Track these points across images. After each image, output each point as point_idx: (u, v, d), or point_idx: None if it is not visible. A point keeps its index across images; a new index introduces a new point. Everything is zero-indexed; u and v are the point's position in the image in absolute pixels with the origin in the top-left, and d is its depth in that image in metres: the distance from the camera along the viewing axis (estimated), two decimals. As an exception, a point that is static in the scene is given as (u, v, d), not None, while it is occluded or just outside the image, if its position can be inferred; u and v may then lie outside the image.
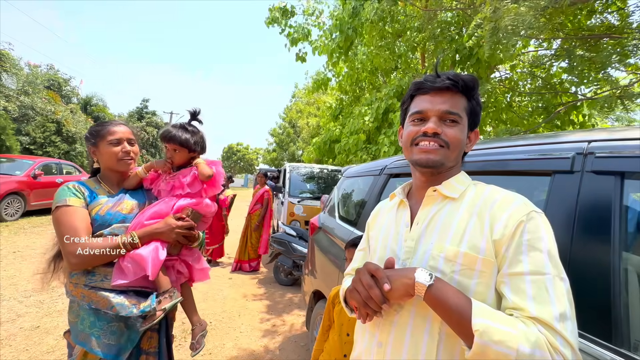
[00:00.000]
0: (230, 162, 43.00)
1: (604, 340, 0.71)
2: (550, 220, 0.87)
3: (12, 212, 6.72)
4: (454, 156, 0.74)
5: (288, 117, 23.79)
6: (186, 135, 1.33)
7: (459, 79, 0.72)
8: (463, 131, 0.74)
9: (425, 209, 0.75)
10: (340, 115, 7.29)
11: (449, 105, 0.72)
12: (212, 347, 2.71)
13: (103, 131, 1.23)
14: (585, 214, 0.81)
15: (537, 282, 0.57)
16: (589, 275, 0.77)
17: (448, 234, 0.68)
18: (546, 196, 0.92)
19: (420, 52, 5.83)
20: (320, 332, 1.54)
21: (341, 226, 2.34)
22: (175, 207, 1.26)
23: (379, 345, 0.73)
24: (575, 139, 0.92)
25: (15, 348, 2.36)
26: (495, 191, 0.70)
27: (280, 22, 6.01)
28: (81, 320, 1.14)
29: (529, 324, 0.55)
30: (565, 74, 4.35)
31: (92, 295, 1.13)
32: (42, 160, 8.07)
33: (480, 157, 1.22)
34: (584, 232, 0.80)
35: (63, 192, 1.17)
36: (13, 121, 12.11)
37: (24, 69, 14.88)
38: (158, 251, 1.17)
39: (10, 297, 3.17)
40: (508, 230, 0.62)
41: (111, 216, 1.19)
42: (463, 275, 0.64)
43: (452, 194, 0.72)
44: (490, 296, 0.63)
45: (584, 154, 0.86)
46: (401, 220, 0.80)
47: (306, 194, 6.15)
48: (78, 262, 1.10)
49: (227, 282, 4.46)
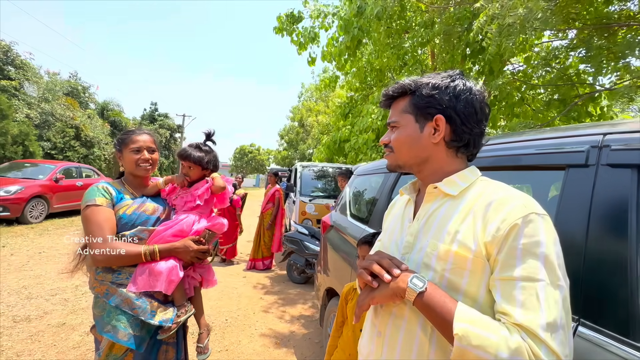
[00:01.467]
0: (242, 163, 43.50)
1: (622, 336, 0.71)
2: (565, 216, 0.87)
3: (36, 214, 7.02)
4: (403, 156, 0.79)
5: (297, 117, 23.85)
6: (200, 154, 1.45)
7: (386, 95, 0.82)
8: (404, 131, 0.78)
9: (426, 206, 0.77)
10: (349, 113, 7.28)
11: (389, 116, 0.82)
12: (229, 343, 2.77)
13: (127, 140, 1.36)
14: (600, 208, 0.80)
15: (527, 289, 0.56)
16: (606, 272, 0.76)
17: (443, 232, 0.68)
18: (560, 191, 0.91)
19: (430, 47, 5.75)
20: (334, 329, 1.56)
21: (353, 224, 2.36)
22: (194, 230, 1.38)
23: (378, 335, 0.76)
24: (590, 132, 0.90)
25: (44, 344, 2.48)
26: (497, 190, 0.68)
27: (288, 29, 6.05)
28: (107, 314, 1.22)
29: (513, 331, 0.54)
30: (581, 65, 4.21)
31: (117, 293, 1.22)
32: (63, 164, 8.39)
33: (491, 153, 1.21)
34: (600, 227, 0.79)
35: (92, 192, 1.27)
36: (35, 127, 12.63)
37: (44, 77, 15.50)
38: (176, 270, 1.28)
39: (37, 295, 3.33)
40: (500, 233, 0.60)
41: (137, 216, 1.32)
42: (453, 274, 0.65)
43: (451, 191, 0.72)
44: (481, 296, 0.63)
45: (599, 147, 0.85)
46: (406, 216, 0.83)
47: (317, 193, 6.18)
48: (102, 260, 1.21)
49: (242, 281, 4.54)
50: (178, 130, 25.11)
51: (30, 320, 2.81)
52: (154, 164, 1.40)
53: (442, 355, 0.64)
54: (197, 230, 1.38)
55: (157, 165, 1.44)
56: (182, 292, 1.38)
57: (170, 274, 1.25)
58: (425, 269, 0.69)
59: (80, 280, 3.73)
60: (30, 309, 3.00)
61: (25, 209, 6.69)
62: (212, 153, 1.50)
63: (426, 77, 0.77)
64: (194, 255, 1.33)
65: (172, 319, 1.26)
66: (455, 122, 0.73)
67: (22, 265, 4.21)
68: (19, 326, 2.69)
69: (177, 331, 1.35)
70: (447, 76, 0.76)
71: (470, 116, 0.73)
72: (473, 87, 0.75)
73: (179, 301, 1.35)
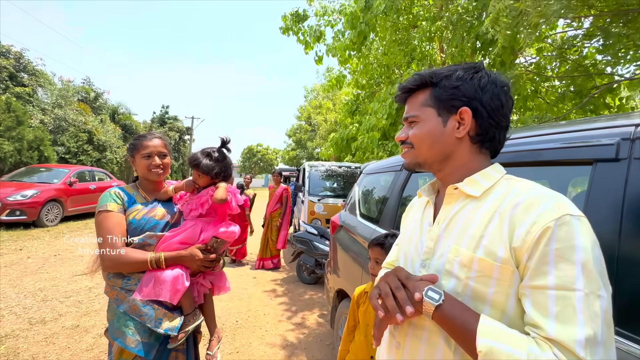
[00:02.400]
0: (251, 163, 43.79)
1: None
2: (593, 214, 0.80)
3: (52, 217, 7.19)
4: (424, 152, 0.73)
5: (303, 116, 23.85)
6: (209, 163, 1.40)
7: (404, 88, 0.77)
8: (425, 125, 0.72)
9: (446, 208, 0.71)
10: (356, 111, 7.21)
11: (407, 110, 0.77)
12: (240, 345, 2.76)
13: (138, 145, 1.36)
14: (634, 206, 0.74)
15: (562, 299, 0.50)
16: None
17: (465, 237, 0.63)
18: (587, 188, 0.84)
19: (438, 41, 5.63)
20: (346, 333, 1.51)
21: (363, 224, 2.31)
22: (202, 237, 1.34)
23: (397, 346, 0.72)
24: (620, 123, 0.83)
25: (59, 346, 2.51)
26: (525, 189, 0.61)
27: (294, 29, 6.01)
28: (117, 318, 1.22)
29: (545, 347, 0.49)
30: (598, 54, 4.04)
31: (125, 299, 1.22)
32: (76, 168, 8.58)
33: (509, 148, 1.14)
34: (634, 227, 0.73)
35: (105, 197, 1.29)
36: (49, 133, 12.96)
37: (57, 84, 15.89)
38: (182, 278, 1.25)
39: (52, 297, 3.39)
40: (530, 237, 0.54)
41: (145, 221, 1.31)
42: (479, 282, 0.59)
43: (473, 192, 0.66)
44: (510, 306, 0.57)
45: (630, 139, 0.78)
46: (426, 219, 0.77)
47: (326, 192, 6.13)
48: (110, 265, 1.23)
49: (252, 281, 4.54)
50: (187, 132, 25.41)
51: (46, 322, 2.85)
52: (166, 168, 1.39)
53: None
54: (204, 239, 1.35)
55: (169, 169, 1.42)
56: (191, 300, 1.35)
57: (175, 283, 1.22)
58: (447, 276, 0.64)
59: (94, 283, 3.79)
60: (45, 311, 3.05)
61: (41, 213, 6.85)
62: (223, 162, 1.44)
63: (445, 69, 0.72)
64: (201, 264, 1.31)
65: (177, 327, 1.24)
66: (481, 115, 0.68)
67: (38, 267, 4.30)
68: (34, 328, 2.73)
69: (187, 338, 1.33)
70: (469, 67, 0.71)
71: (497, 109, 0.68)
72: (497, 78, 0.70)
73: (188, 310, 1.33)
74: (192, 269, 1.32)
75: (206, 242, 1.34)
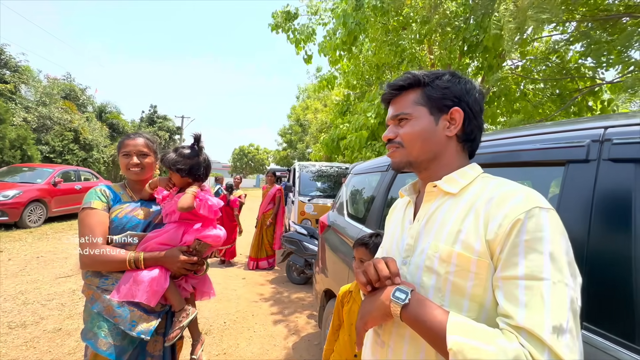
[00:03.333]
0: (242, 164, 43.48)
1: (625, 340, 0.67)
2: (565, 213, 0.83)
3: (35, 218, 7.00)
4: (415, 151, 0.73)
5: (294, 116, 23.81)
6: (173, 158, 1.34)
7: (395, 85, 0.76)
8: (418, 123, 0.72)
9: (426, 206, 0.73)
10: (347, 111, 7.23)
11: (396, 109, 0.76)
12: (227, 347, 2.74)
13: (121, 144, 1.36)
14: (602, 205, 0.76)
15: (531, 288, 0.52)
16: (609, 272, 0.72)
17: (444, 232, 0.65)
18: (560, 187, 0.87)
19: (427, 43, 5.70)
20: (330, 332, 1.52)
21: (350, 224, 2.32)
22: (185, 239, 1.31)
23: (381, 345, 0.73)
24: (590, 126, 0.86)
25: (39, 350, 2.45)
26: (499, 185, 0.64)
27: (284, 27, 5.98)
28: (91, 320, 1.19)
29: (511, 338, 0.50)
30: (581, 58, 4.16)
31: (100, 299, 1.19)
32: (61, 168, 8.36)
33: (490, 149, 1.17)
34: (602, 224, 0.75)
35: (91, 195, 1.28)
36: (33, 131, 12.61)
37: (43, 81, 15.48)
38: (161, 280, 1.22)
39: (34, 300, 3.30)
40: (502, 229, 0.56)
41: (127, 219, 1.29)
42: (458, 276, 0.61)
43: (451, 189, 0.69)
44: (488, 300, 0.59)
45: (600, 141, 0.81)
46: (407, 218, 0.79)
47: (316, 193, 6.14)
48: (88, 263, 1.21)
49: (241, 282, 4.51)
50: (177, 132, 25.08)
51: (26, 326, 2.77)
52: (146, 168, 1.36)
53: None
54: (186, 241, 1.31)
55: (151, 169, 1.39)
56: (178, 296, 1.32)
57: (152, 283, 1.19)
58: (428, 272, 0.65)
59: (77, 285, 3.71)
60: (26, 315, 2.97)
61: (24, 213, 6.66)
62: (194, 159, 1.36)
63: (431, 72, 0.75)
64: (182, 267, 1.27)
65: (152, 330, 1.20)
66: (469, 116, 0.72)
67: (19, 270, 4.18)
68: (14, 332, 2.66)
69: (164, 342, 1.30)
70: (453, 73, 0.75)
71: (479, 112, 0.74)
72: (477, 85, 0.75)
73: (178, 307, 1.31)
74: (173, 271, 1.28)
75: (189, 244, 1.31)
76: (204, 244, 1.33)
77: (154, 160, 1.40)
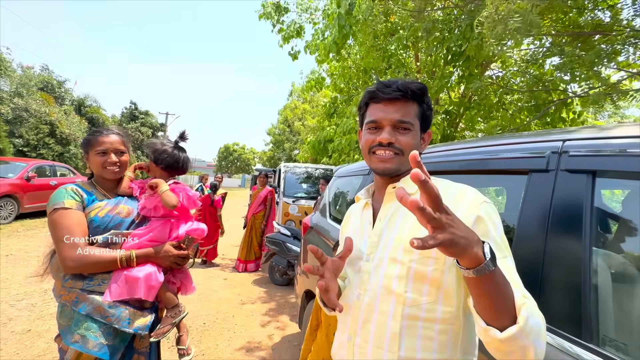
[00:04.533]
0: (227, 162, 42.87)
1: (575, 337, 0.72)
2: (526, 219, 0.89)
3: (5, 215, 6.67)
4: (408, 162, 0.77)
5: (283, 116, 23.73)
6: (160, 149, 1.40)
7: (407, 89, 0.75)
8: (416, 137, 0.77)
9: (387, 206, 0.79)
10: (334, 114, 7.30)
11: (401, 114, 0.75)
12: (205, 347, 2.71)
13: (93, 141, 1.28)
14: (558, 212, 0.82)
15: (504, 265, 0.61)
16: (562, 273, 0.78)
17: (407, 225, 0.72)
18: (523, 195, 0.93)
19: (413, 50, 5.84)
20: (308, 332, 1.54)
21: (332, 226, 2.35)
22: (177, 234, 1.35)
23: (348, 339, 0.77)
24: (551, 138, 0.93)
25: (7, 352, 2.34)
26: (449, 184, 0.75)
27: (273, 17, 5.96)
28: (75, 323, 1.14)
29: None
30: (557, 72, 4.37)
31: (88, 300, 1.15)
32: (35, 162, 8.01)
33: (461, 157, 1.23)
34: (558, 230, 0.81)
35: (60, 194, 1.19)
36: (6, 123, 12.00)
37: (17, 70, 14.76)
38: (155, 275, 1.24)
39: (2, 300, 3.15)
40: (469, 219, 0.65)
41: (110, 218, 1.25)
42: (420, 263, 0.68)
43: (409, 190, 0.75)
44: (445, 280, 0.66)
45: (558, 152, 0.87)
46: (365, 219, 0.84)
47: (301, 194, 6.15)
48: (73, 267, 1.14)
49: (222, 283, 4.46)
50: (161, 129, 24.46)
51: (-7, 327, 2.65)
52: (123, 166, 1.33)
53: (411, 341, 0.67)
54: (177, 235, 1.34)
55: (127, 167, 1.36)
56: (171, 293, 1.35)
57: (149, 279, 1.20)
58: (392, 263, 0.71)
59: (50, 284, 3.56)
60: (-7, 316, 2.84)
61: (-7, 209, 6.34)
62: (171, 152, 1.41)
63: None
64: (174, 261, 1.30)
65: (148, 325, 1.21)
66: (429, 137, 0.84)
67: (-14, 268, 3.98)
68: (-21, 334, 2.53)
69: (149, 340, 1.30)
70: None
71: None
72: None
73: (172, 303, 1.33)
74: (164, 266, 1.30)
75: (180, 239, 1.34)
76: (191, 238, 1.39)
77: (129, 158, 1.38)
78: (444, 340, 0.66)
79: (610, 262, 0.85)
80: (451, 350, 0.67)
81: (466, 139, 5.58)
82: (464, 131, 5.98)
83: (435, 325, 0.66)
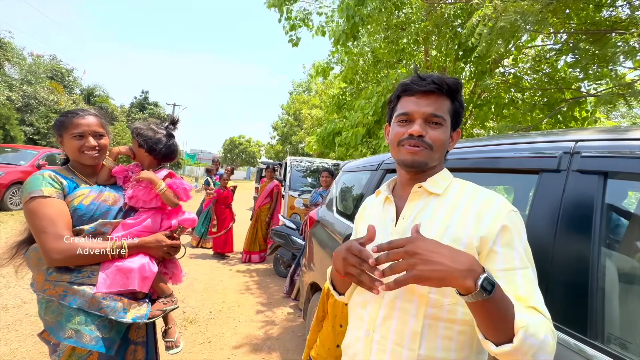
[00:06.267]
0: (233, 155, 43.04)
1: (582, 335, 0.74)
2: (536, 219, 0.90)
3: (17, 201, 6.82)
4: (437, 156, 0.77)
5: (292, 109, 23.66)
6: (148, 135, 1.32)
7: (443, 83, 0.74)
8: (446, 132, 0.77)
9: (411, 204, 0.78)
10: (343, 106, 7.25)
11: (434, 108, 0.74)
12: (212, 335, 2.78)
13: (67, 123, 1.16)
14: (568, 212, 0.83)
15: (524, 277, 0.63)
16: (570, 273, 0.79)
17: (433, 227, 0.71)
18: (533, 194, 0.94)
19: (424, 45, 5.75)
20: (314, 323, 1.58)
21: (339, 220, 2.37)
22: (171, 223, 1.35)
23: (366, 334, 0.75)
24: (563, 139, 0.93)
25: (22, 333, 2.43)
26: (477, 189, 0.75)
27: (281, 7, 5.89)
28: (66, 317, 1.07)
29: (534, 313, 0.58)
30: (570, 69, 4.29)
31: (79, 293, 1.08)
32: (46, 150, 8.14)
33: (472, 155, 1.23)
34: (567, 230, 0.82)
35: (37, 180, 1.09)
36: (17, 111, 12.18)
37: (27, 58, 14.91)
38: (149, 265, 1.22)
39: (15, 284, 3.25)
40: (494, 227, 0.66)
41: (96, 207, 1.17)
42: None
43: (436, 190, 0.76)
44: None
45: (570, 153, 0.88)
46: (387, 215, 0.82)
47: (307, 188, 6.17)
48: (61, 259, 1.06)
49: (228, 274, 4.54)
50: (168, 119, 24.57)
51: (8, 309, 2.75)
52: (102, 150, 1.22)
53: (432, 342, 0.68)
54: (170, 225, 1.34)
55: (106, 151, 1.25)
56: (164, 282, 1.35)
57: (142, 270, 1.18)
58: None
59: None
60: (7, 298, 2.94)
61: (5, 196, 6.49)
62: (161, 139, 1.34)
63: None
64: (167, 251, 1.27)
65: (146, 315, 1.18)
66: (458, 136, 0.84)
67: (0, 253, 4.09)
68: (-5, 315, 2.63)
69: (147, 330, 1.31)
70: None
71: None
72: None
73: (166, 292, 1.33)
74: (157, 256, 1.27)
75: (173, 229, 1.34)
76: (182, 227, 1.40)
77: (108, 142, 1.27)
78: (462, 340, 0.67)
79: (619, 263, 0.86)
80: (468, 350, 0.68)
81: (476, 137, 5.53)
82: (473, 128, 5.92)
83: (455, 325, 0.67)
